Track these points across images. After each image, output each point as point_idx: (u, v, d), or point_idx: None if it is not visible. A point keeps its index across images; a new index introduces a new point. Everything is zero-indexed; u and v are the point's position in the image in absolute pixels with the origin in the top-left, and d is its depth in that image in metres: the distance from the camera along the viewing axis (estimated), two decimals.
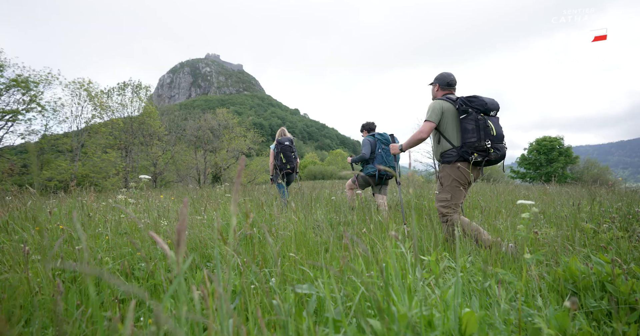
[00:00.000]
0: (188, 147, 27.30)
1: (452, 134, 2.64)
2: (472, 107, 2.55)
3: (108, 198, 3.82)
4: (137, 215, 2.16)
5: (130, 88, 22.64)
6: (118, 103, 22.01)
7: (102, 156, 19.48)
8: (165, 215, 2.44)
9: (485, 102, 2.54)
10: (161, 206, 2.97)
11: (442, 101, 2.71)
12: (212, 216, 2.59)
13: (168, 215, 2.46)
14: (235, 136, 28.22)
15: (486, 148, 2.48)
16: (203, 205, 3.09)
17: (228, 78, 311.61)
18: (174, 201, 4.20)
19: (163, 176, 24.65)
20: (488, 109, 2.54)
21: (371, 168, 4.14)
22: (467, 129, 2.53)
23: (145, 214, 2.25)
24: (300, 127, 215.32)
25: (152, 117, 22.80)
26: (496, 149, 2.51)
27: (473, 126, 2.50)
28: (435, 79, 2.91)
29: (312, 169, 40.49)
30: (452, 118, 2.65)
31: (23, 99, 16.24)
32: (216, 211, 2.92)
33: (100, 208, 2.94)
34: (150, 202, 3.31)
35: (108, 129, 20.80)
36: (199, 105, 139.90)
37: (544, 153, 18.55)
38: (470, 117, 2.52)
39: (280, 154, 4.81)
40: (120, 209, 2.03)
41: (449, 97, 2.73)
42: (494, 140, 2.50)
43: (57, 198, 4.22)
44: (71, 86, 19.10)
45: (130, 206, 2.35)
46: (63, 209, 3.01)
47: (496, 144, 2.52)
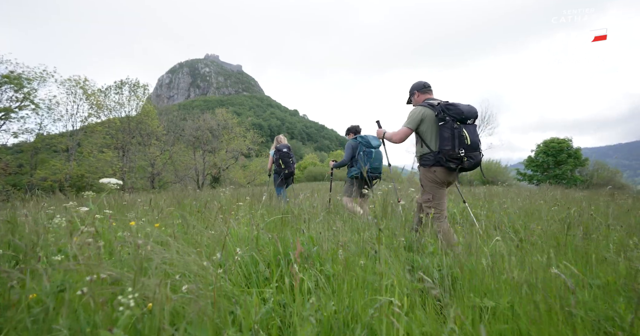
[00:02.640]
0: (187, 148, 26.84)
1: (431, 140, 2.73)
2: (449, 115, 2.57)
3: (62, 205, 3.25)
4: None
5: (128, 87, 22.09)
6: (115, 102, 21.48)
7: (98, 155, 18.93)
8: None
9: (462, 110, 2.55)
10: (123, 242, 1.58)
11: (423, 108, 2.76)
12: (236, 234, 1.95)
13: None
14: (234, 137, 27.77)
15: (460, 156, 2.53)
16: (212, 215, 2.51)
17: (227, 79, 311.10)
18: (165, 217, 2.72)
19: (161, 176, 24.13)
20: (465, 117, 2.56)
21: (354, 171, 4.16)
22: (443, 136, 2.58)
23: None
24: (299, 128, 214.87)
25: (150, 116, 22.30)
26: (470, 158, 2.56)
27: (449, 134, 2.55)
28: (413, 88, 3.00)
29: (312, 170, 40.06)
30: (432, 124, 2.72)
31: (16, 97, 15.70)
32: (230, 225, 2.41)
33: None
34: (107, 228, 1.86)
35: (105, 128, 20.27)
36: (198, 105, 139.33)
37: (552, 155, 18.14)
38: (447, 126, 2.56)
39: (280, 161, 5.28)
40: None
41: (430, 103, 2.77)
42: (468, 149, 2.54)
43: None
44: (67, 84, 18.56)
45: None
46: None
47: (470, 152, 2.56)
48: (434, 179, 2.71)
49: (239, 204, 3.20)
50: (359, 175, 4.08)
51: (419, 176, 2.88)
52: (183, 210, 3.38)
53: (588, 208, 3.69)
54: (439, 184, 2.71)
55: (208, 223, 2.16)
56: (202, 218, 2.56)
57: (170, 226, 2.09)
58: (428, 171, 2.73)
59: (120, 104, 21.60)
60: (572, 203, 4.61)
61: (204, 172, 26.56)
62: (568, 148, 17.80)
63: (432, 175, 2.70)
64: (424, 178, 2.79)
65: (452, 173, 2.67)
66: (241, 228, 2.02)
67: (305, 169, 41.78)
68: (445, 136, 2.56)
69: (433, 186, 2.72)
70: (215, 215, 2.24)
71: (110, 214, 1.72)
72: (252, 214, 2.54)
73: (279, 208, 3.68)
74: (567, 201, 5.01)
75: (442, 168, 2.65)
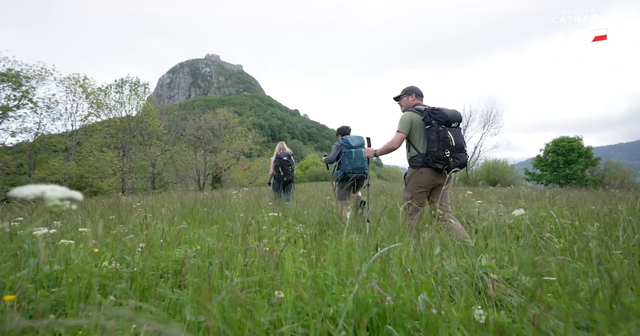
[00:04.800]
0: (187, 147, 26.53)
1: (419, 143, 2.90)
2: (434, 118, 2.76)
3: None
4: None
5: (129, 85, 21.73)
6: (116, 101, 21.13)
7: (97, 155, 18.58)
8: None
9: (446, 114, 2.76)
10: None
11: (411, 113, 2.94)
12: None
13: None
14: (236, 136, 27.41)
15: (445, 157, 2.71)
16: (237, 233, 2.01)
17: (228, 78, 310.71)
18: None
19: (162, 176, 23.80)
20: (449, 121, 2.77)
21: (338, 174, 4.33)
22: (430, 139, 2.76)
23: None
24: (300, 128, 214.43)
25: (151, 115, 21.95)
26: (455, 158, 2.74)
27: (435, 137, 2.73)
28: (410, 90, 3.16)
29: (314, 170, 39.73)
30: (420, 128, 2.90)
31: (14, 95, 15.34)
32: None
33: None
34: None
35: (105, 127, 19.92)
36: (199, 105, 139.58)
37: (562, 154, 17.67)
38: (433, 129, 2.75)
39: (279, 168, 5.60)
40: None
41: (417, 109, 2.95)
42: (453, 150, 2.72)
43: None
44: (66, 82, 18.22)
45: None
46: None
47: (455, 153, 2.74)
48: (419, 180, 2.89)
49: (263, 214, 2.78)
50: (342, 177, 4.26)
51: (406, 176, 3.07)
52: (194, 221, 2.94)
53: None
54: (422, 186, 2.89)
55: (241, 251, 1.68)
56: (224, 236, 2.12)
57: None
58: (416, 171, 2.90)
59: (121, 103, 21.25)
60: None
61: (205, 172, 26.23)
62: (579, 147, 17.34)
63: (420, 176, 2.88)
64: (409, 178, 2.98)
65: (440, 174, 2.84)
66: (288, 259, 1.51)
67: (307, 168, 41.46)
68: (432, 139, 2.74)
69: (416, 186, 2.90)
70: (244, 234, 1.78)
71: (88, 235, 1.31)
72: (287, 229, 2.11)
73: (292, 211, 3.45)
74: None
75: (430, 169, 2.82)
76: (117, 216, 2.93)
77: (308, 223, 3.01)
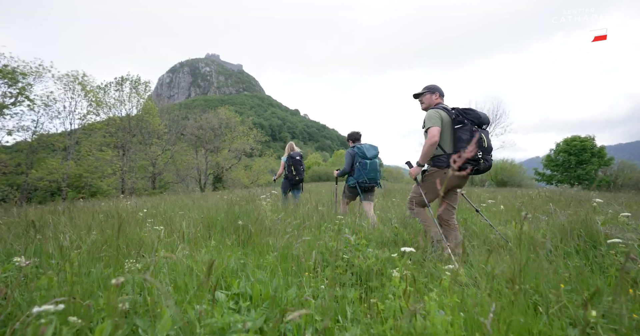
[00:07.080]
0: (188, 147, 26.09)
1: (446, 142, 2.80)
2: (467, 118, 2.70)
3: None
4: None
5: (129, 83, 21.25)
6: (115, 99, 20.66)
7: (97, 154, 18.11)
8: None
9: (479, 115, 2.71)
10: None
11: (439, 110, 2.83)
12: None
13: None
14: (237, 135, 26.98)
15: (478, 158, 2.64)
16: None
17: (228, 78, 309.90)
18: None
19: (162, 176, 23.35)
20: (482, 122, 2.73)
21: (351, 180, 4.37)
22: (461, 138, 2.67)
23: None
24: (300, 128, 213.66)
25: (152, 114, 21.48)
26: (485, 160, 2.68)
27: (467, 137, 2.65)
28: (434, 88, 3.05)
29: (317, 170, 39.31)
30: (448, 126, 2.80)
31: (10, 92, 14.86)
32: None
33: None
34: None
35: (104, 125, 19.46)
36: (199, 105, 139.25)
37: (574, 154, 17.16)
38: (466, 128, 2.68)
39: (292, 167, 5.63)
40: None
41: (444, 107, 2.87)
42: (485, 151, 2.66)
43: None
44: (64, 79, 17.75)
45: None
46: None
47: (486, 155, 2.68)
48: (435, 184, 2.76)
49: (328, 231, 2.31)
50: (356, 185, 4.32)
51: (425, 173, 2.90)
52: (238, 244, 2.28)
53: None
54: (437, 189, 2.79)
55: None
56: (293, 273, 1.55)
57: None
58: (439, 171, 2.78)
59: (121, 101, 20.79)
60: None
61: (206, 172, 25.79)
62: (591, 147, 16.83)
63: (443, 176, 2.75)
64: (429, 176, 2.85)
65: (464, 176, 2.74)
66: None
67: (309, 169, 41.04)
68: (464, 138, 2.65)
69: (434, 185, 2.79)
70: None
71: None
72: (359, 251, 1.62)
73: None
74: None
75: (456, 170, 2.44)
76: (119, 235, 1.88)
77: (378, 241, 2.69)
